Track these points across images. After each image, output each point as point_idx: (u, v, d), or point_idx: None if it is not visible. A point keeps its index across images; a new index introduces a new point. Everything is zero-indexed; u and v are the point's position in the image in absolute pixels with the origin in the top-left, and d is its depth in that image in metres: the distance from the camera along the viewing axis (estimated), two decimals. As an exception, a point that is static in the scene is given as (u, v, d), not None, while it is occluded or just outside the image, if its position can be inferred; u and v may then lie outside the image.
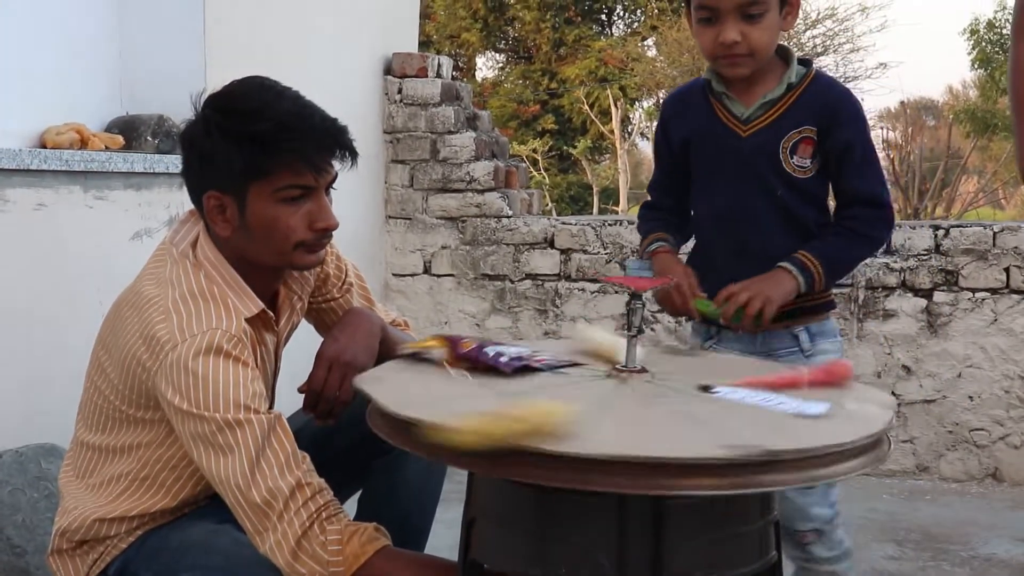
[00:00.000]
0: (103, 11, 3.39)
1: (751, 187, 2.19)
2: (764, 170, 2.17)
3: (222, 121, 1.88)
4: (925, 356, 4.43)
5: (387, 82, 4.95)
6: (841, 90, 2.22)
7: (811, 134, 2.16)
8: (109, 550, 1.94)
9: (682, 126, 2.29)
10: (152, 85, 3.42)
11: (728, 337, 2.24)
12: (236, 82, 1.96)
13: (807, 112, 2.16)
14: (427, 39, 21.96)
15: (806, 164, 2.17)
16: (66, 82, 3.25)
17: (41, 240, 2.80)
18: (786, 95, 2.17)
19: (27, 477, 2.60)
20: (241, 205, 1.89)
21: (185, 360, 1.77)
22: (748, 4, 2.07)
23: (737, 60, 2.12)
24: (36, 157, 2.79)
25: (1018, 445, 4.36)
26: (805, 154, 2.16)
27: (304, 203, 1.90)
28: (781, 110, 2.17)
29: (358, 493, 2.23)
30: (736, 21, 2.08)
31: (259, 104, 1.89)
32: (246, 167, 1.86)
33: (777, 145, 2.16)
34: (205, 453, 1.77)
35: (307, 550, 1.73)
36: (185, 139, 1.96)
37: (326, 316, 2.25)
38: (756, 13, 2.08)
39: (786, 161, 2.16)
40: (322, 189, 1.93)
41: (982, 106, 25.08)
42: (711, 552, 1.56)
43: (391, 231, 4.95)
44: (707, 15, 2.11)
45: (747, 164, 2.18)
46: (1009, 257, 4.32)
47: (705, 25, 2.13)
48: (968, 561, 3.48)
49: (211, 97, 1.94)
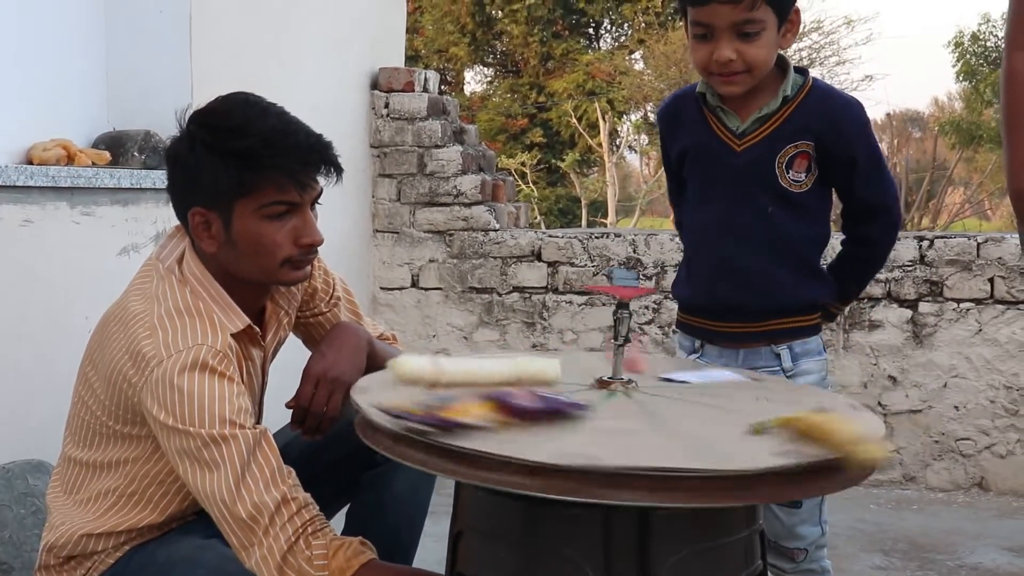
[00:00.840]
0: (89, 27, 3.39)
1: (742, 203, 2.15)
2: (757, 186, 2.13)
3: (207, 137, 1.89)
4: (911, 366, 4.44)
5: (374, 96, 4.96)
6: (841, 101, 2.16)
7: (808, 148, 2.11)
8: (96, 565, 1.94)
9: (678, 140, 2.26)
10: (138, 101, 3.41)
11: (711, 352, 2.24)
12: (220, 98, 1.96)
13: (804, 126, 2.11)
14: (416, 53, 21.98)
15: (801, 178, 2.13)
16: (53, 98, 3.24)
17: (28, 256, 2.79)
18: (782, 108, 2.12)
19: (14, 493, 2.59)
20: (227, 221, 1.89)
21: (170, 376, 1.77)
22: (743, 22, 2.01)
23: (733, 79, 2.07)
24: (22, 173, 2.78)
25: (1004, 454, 4.38)
26: (800, 168, 2.12)
27: (289, 219, 1.90)
28: (777, 124, 2.12)
29: (346, 507, 2.23)
30: (731, 39, 2.03)
31: (243, 120, 1.89)
32: (231, 184, 1.86)
33: (772, 160, 2.12)
34: (191, 468, 1.77)
35: (293, 565, 1.73)
36: (170, 155, 1.96)
37: (314, 330, 2.25)
38: (752, 31, 2.02)
39: (782, 176, 2.12)
40: (307, 205, 1.93)
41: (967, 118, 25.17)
42: (697, 562, 1.57)
43: (379, 245, 4.95)
44: (702, 31, 2.06)
45: (741, 180, 2.14)
46: (993, 268, 4.34)
47: (700, 41, 2.07)
48: (955, 571, 3.49)
49: (196, 113, 1.94)
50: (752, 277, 2.15)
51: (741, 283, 2.15)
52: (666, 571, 1.53)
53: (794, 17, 2.10)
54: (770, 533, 2.17)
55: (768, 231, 2.14)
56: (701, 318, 2.26)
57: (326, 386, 1.99)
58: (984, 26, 24.68)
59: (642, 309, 4.64)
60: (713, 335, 2.23)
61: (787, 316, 2.19)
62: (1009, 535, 3.85)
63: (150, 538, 1.95)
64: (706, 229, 2.22)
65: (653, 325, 4.65)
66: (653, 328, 4.64)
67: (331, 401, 2.00)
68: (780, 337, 2.19)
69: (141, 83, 3.42)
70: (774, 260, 2.15)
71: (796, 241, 2.16)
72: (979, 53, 24.67)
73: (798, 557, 2.22)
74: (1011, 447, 4.37)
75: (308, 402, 2.00)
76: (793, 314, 2.19)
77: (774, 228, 2.14)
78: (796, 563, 2.22)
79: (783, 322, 2.19)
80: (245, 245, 1.90)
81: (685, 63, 22.05)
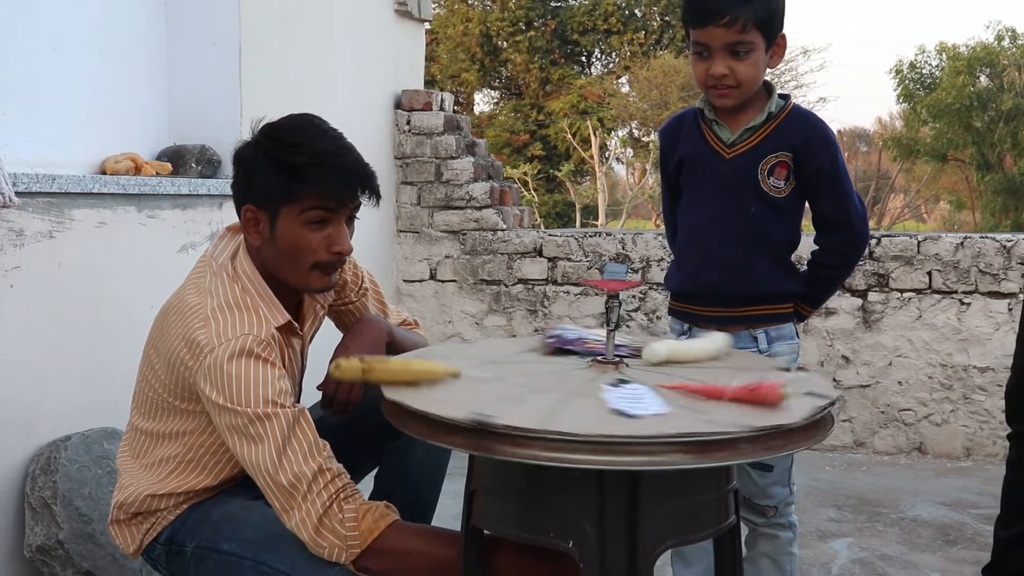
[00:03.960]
0: (154, 57, 3.38)
1: (729, 203, 2.15)
2: (743, 188, 2.14)
3: (269, 147, 1.87)
4: (861, 348, 4.42)
5: (397, 115, 4.94)
6: (814, 121, 2.17)
7: (787, 159, 2.12)
8: (159, 521, 1.93)
9: (677, 151, 2.25)
10: (195, 120, 3.40)
11: (699, 334, 2.22)
12: (289, 116, 1.94)
13: (784, 139, 2.12)
14: (431, 79, 21.93)
15: (780, 185, 2.13)
16: (122, 118, 3.24)
17: (101, 253, 2.79)
18: (766, 123, 2.13)
19: (92, 456, 2.58)
20: (272, 221, 1.87)
21: (221, 362, 1.75)
22: (735, 43, 2.03)
23: (725, 92, 2.09)
24: (97, 182, 2.78)
25: (940, 423, 4.36)
26: (780, 176, 2.13)
27: (325, 228, 1.88)
28: (761, 136, 2.13)
29: (374, 471, 2.22)
30: (725, 57, 2.05)
31: (302, 138, 1.86)
32: (280, 191, 1.84)
33: (756, 167, 2.12)
34: (239, 442, 1.76)
35: (328, 527, 1.72)
36: (236, 156, 1.94)
37: (345, 317, 2.23)
38: (743, 51, 2.04)
39: (763, 181, 2.12)
40: (343, 218, 1.90)
41: (906, 135, 25.14)
42: (680, 517, 1.55)
43: (401, 243, 4.93)
44: (701, 50, 2.08)
45: (729, 183, 2.15)
46: (931, 262, 4.32)
47: (700, 59, 2.09)
48: (898, 522, 3.48)
49: (266, 125, 1.92)
50: (734, 266, 2.14)
51: (724, 271, 2.14)
52: (652, 524, 1.51)
53: (780, 42, 2.11)
54: (745, 492, 2.17)
55: (750, 228, 2.14)
56: (689, 304, 2.25)
57: None
58: (920, 56, 24.66)
59: (630, 298, 4.62)
60: (699, 319, 2.22)
61: (763, 303, 2.17)
62: (944, 492, 3.84)
63: (205, 498, 1.94)
64: (697, 225, 2.22)
65: (639, 312, 4.63)
66: (639, 315, 4.63)
67: (353, 390, 1.99)
68: (757, 322, 2.17)
69: (197, 104, 3.41)
70: (753, 253, 2.14)
71: (773, 238, 2.16)
72: (916, 79, 24.63)
73: (769, 513, 2.21)
74: (946, 416, 4.35)
75: (334, 390, 1.99)
76: (769, 302, 2.18)
77: (755, 226, 2.14)
78: (767, 518, 2.21)
79: (760, 309, 2.17)
80: (284, 244, 1.88)
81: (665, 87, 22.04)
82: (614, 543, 1.50)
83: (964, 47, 23.35)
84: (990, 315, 4.27)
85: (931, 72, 24.43)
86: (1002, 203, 22.94)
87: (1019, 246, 4.24)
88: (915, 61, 24.60)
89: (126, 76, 3.26)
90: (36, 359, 2.55)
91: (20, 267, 2.49)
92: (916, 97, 24.15)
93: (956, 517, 3.52)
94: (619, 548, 1.50)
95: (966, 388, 4.33)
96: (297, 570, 1.76)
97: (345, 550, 1.72)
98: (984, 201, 23.87)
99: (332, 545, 1.72)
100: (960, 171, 25.27)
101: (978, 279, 4.28)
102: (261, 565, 1.80)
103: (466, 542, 1.70)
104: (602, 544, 1.50)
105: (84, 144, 3.01)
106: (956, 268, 4.29)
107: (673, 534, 1.55)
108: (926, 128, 24.25)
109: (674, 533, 1.56)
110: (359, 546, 1.72)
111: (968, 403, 4.32)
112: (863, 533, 3.36)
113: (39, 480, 2.48)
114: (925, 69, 24.56)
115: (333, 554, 1.72)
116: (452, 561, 1.72)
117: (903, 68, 24.54)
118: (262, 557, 1.80)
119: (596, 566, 1.50)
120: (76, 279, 2.68)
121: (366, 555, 1.73)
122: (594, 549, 1.50)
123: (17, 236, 2.48)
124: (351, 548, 1.72)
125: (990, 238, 4.32)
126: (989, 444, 4.30)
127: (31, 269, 2.52)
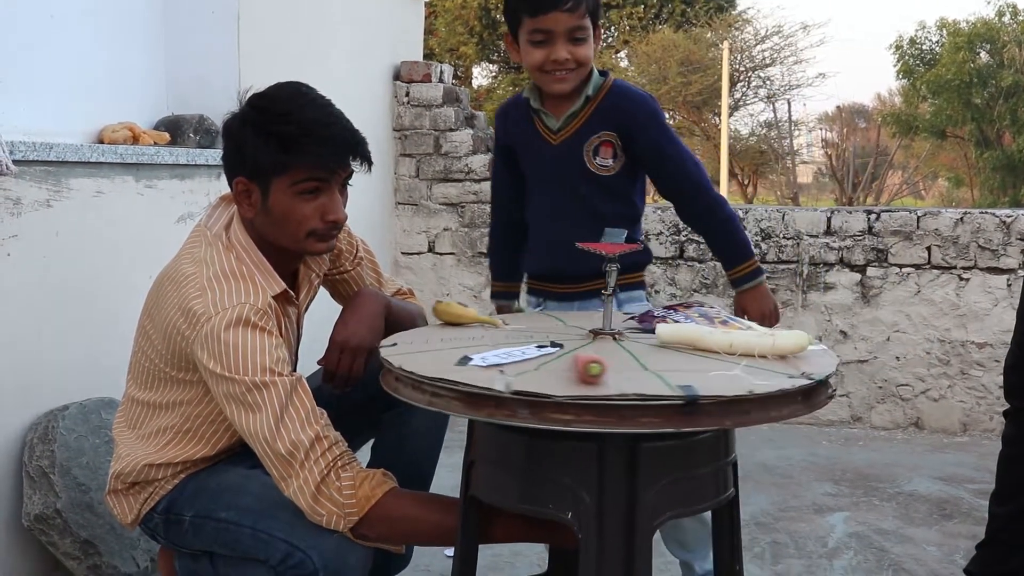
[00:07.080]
0: (151, 26, 3.35)
1: (561, 188, 2.21)
2: (571, 172, 2.19)
3: (256, 118, 1.85)
4: (859, 323, 4.42)
5: (396, 87, 4.91)
6: (634, 97, 2.21)
7: (610, 138, 2.17)
8: (157, 491, 1.92)
9: (507, 137, 2.32)
10: (193, 89, 3.38)
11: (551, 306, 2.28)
12: (276, 85, 1.91)
13: (604, 119, 2.17)
14: (430, 52, 21.79)
15: (608, 163, 2.18)
16: (120, 87, 3.21)
17: (99, 223, 2.77)
18: (585, 107, 2.18)
19: (90, 426, 2.58)
20: (264, 193, 1.85)
21: (218, 331, 1.74)
22: (576, 28, 2.10)
23: (565, 76, 2.14)
24: (95, 151, 2.76)
25: (937, 398, 4.36)
26: (607, 155, 2.18)
27: (318, 197, 1.86)
28: (583, 120, 2.18)
29: (370, 441, 2.21)
30: (565, 42, 2.11)
31: (290, 108, 1.84)
32: (270, 162, 1.82)
33: (580, 149, 2.18)
34: (236, 410, 1.75)
35: (325, 494, 1.71)
36: (225, 128, 1.92)
37: (341, 287, 2.22)
38: (581, 37, 2.12)
39: (590, 162, 2.18)
40: (336, 186, 1.88)
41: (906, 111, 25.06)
42: (679, 488, 1.55)
43: (400, 215, 4.92)
44: (541, 38, 2.12)
45: (557, 168, 2.21)
46: (930, 238, 4.31)
47: (537, 46, 2.13)
48: (894, 496, 3.49)
49: (253, 96, 1.90)
50: (575, 250, 1.99)
51: (569, 255, 2.07)
52: (652, 495, 1.51)
53: (598, 32, 2.19)
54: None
55: (583, 210, 2.19)
56: (543, 283, 2.31)
57: (349, 352, 1.97)
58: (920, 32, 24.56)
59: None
60: (552, 295, 2.28)
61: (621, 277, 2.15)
62: (940, 467, 3.85)
63: (203, 468, 1.93)
64: (540, 212, 2.28)
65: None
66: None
67: (354, 365, 1.98)
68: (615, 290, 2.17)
69: (195, 74, 3.39)
70: (591, 234, 2.04)
71: (608, 217, 2.13)
72: (916, 55, 24.52)
73: None
74: (943, 392, 4.36)
75: (335, 366, 1.98)
76: None
77: (587, 207, 2.19)
78: None
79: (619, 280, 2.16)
80: (278, 215, 1.86)
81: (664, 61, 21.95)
82: (612, 514, 1.50)
83: (965, 23, 23.26)
84: (989, 291, 4.27)
85: (931, 48, 24.33)
86: (1000, 180, 22.93)
87: (1019, 222, 4.23)
88: (915, 37, 24.51)
89: (124, 45, 3.23)
90: (33, 328, 2.54)
91: (17, 236, 2.47)
92: (916, 73, 24.07)
93: (952, 492, 3.53)
94: (617, 520, 1.50)
95: (964, 364, 4.33)
96: (296, 537, 1.75)
97: (343, 517, 1.72)
98: (983, 178, 23.85)
99: (330, 513, 1.72)
100: (959, 148, 25.24)
101: (977, 255, 4.27)
102: (260, 533, 1.79)
103: (465, 511, 1.70)
104: (600, 516, 1.50)
105: (82, 113, 2.99)
106: (955, 243, 4.28)
107: (671, 506, 1.55)
108: (925, 104, 24.18)
109: (672, 505, 1.55)
110: (357, 513, 1.72)
111: (965, 379, 4.33)
112: (860, 507, 3.37)
113: (37, 449, 2.48)
114: (925, 45, 24.47)
115: (331, 521, 1.72)
116: (450, 527, 1.72)
117: (903, 44, 24.44)
118: (261, 525, 1.80)
119: (594, 538, 1.50)
120: (74, 248, 2.67)
121: (364, 522, 1.73)
122: (592, 521, 1.50)
123: (14, 205, 2.46)
124: (349, 515, 1.72)
125: (990, 213, 4.32)
126: (986, 420, 4.31)
127: (28, 238, 2.50)
